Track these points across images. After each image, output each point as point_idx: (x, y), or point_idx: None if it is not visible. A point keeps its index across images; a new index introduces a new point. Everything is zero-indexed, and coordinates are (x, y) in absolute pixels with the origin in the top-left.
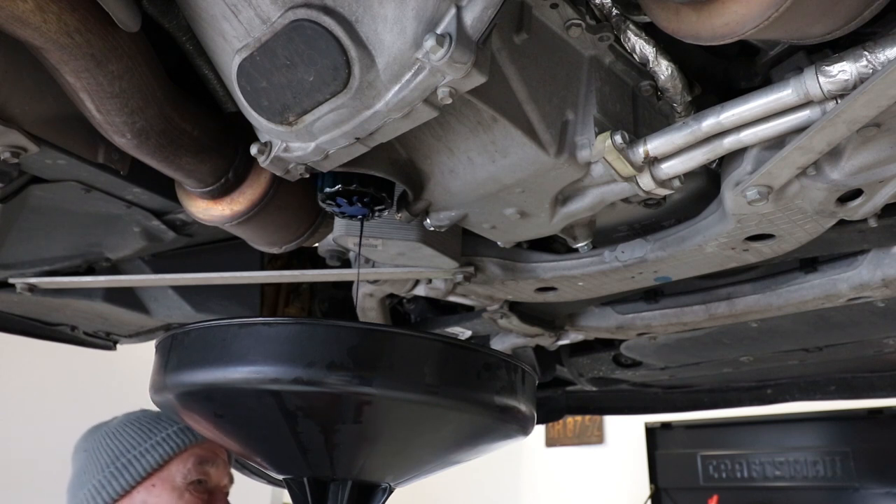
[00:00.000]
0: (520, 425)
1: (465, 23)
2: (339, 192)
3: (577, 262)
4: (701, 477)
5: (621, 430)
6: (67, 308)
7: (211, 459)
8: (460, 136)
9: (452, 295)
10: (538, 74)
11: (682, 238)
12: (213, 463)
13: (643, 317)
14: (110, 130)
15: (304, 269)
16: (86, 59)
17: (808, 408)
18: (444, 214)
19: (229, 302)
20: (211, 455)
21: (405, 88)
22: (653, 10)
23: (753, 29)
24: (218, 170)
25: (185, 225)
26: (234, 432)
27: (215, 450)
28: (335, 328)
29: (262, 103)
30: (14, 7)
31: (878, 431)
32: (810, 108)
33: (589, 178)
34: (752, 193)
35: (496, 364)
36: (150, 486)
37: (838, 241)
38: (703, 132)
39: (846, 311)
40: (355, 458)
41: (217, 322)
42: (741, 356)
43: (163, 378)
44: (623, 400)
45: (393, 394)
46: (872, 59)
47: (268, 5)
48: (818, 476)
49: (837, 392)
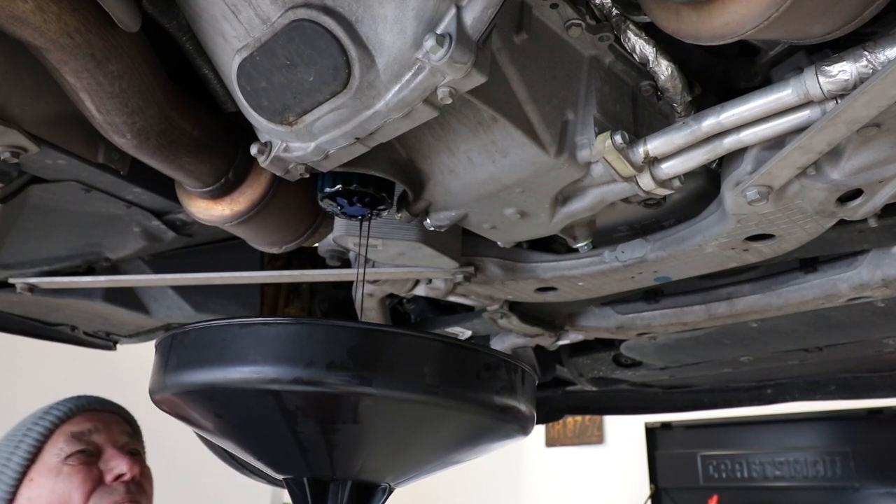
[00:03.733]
0: (520, 425)
1: (465, 23)
2: (339, 192)
3: (577, 262)
4: (701, 477)
5: (621, 430)
6: (67, 308)
7: (87, 430)
8: (460, 136)
9: (452, 295)
10: (538, 74)
11: (682, 238)
12: (92, 431)
13: (643, 317)
14: (110, 130)
15: (304, 269)
16: (86, 59)
17: (808, 408)
18: (444, 214)
19: (229, 302)
20: (86, 425)
21: (405, 88)
22: (653, 10)
23: (753, 29)
24: (218, 170)
25: (185, 225)
26: (234, 432)
27: (92, 417)
28: (335, 328)
29: (262, 103)
30: (14, 7)
31: (878, 431)
32: (810, 108)
33: (589, 178)
34: (752, 193)
35: (496, 364)
36: (28, 482)
37: (838, 241)
38: (703, 132)
39: (846, 311)
40: (355, 458)
41: (217, 322)
42: (741, 356)
43: (163, 378)
44: (623, 400)
45: (393, 394)
46: (872, 59)
47: (268, 5)
48: (818, 476)
49: (837, 392)
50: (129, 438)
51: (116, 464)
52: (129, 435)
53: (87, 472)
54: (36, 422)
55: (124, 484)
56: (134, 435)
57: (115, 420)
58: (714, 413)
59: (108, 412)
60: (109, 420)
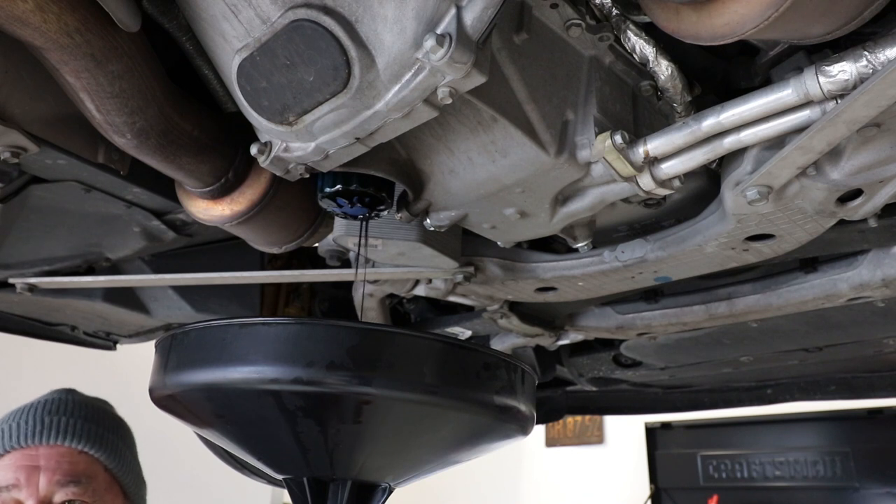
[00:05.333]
0: (519, 425)
1: (465, 23)
2: (339, 192)
3: (577, 262)
4: (701, 477)
5: (621, 430)
6: (67, 308)
7: (9, 486)
8: (460, 136)
9: (452, 295)
10: (538, 74)
11: (682, 238)
12: (13, 487)
13: (643, 317)
14: (110, 130)
15: (304, 269)
16: (86, 59)
17: (808, 408)
18: (444, 214)
19: (229, 302)
20: (10, 477)
21: (405, 88)
22: (653, 10)
23: (753, 29)
24: (218, 170)
25: (185, 225)
26: (234, 432)
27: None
28: (335, 328)
29: (262, 103)
30: (14, 7)
31: (878, 431)
32: (810, 108)
33: (589, 178)
34: (752, 193)
35: (496, 364)
36: None
37: (838, 241)
38: (703, 132)
39: (846, 311)
40: (355, 458)
41: (217, 322)
42: (741, 356)
43: (162, 378)
44: (623, 400)
45: (393, 394)
46: (872, 59)
47: (268, 5)
48: (818, 476)
49: (837, 392)
50: (72, 487)
51: None
52: (74, 478)
53: None
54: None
55: None
56: (85, 462)
57: (52, 455)
58: (714, 413)
59: (50, 447)
60: (47, 456)
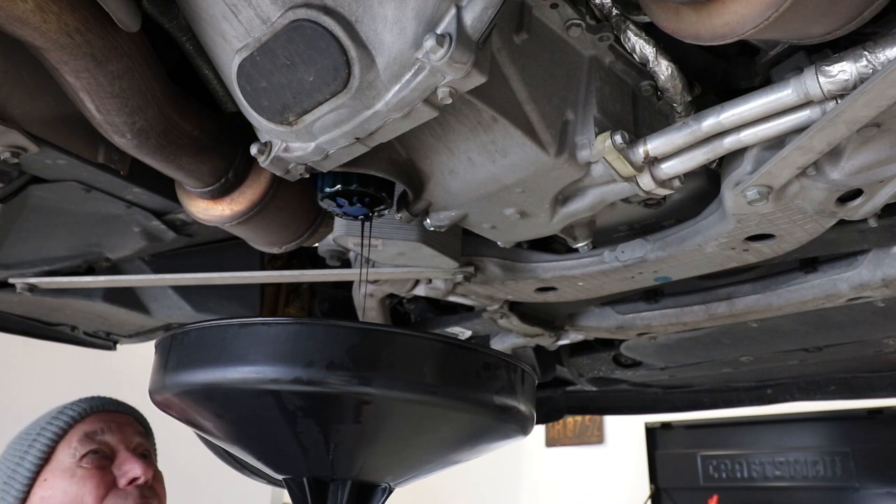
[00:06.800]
0: (519, 425)
1: (465, 23)
2: (339, 192)
3: (577, 262)
4: (701, 477)
5: (621, 430)
6: (67, 308)
7: (100, 429)
8: (460, 136)
9: (452, 295)
10: (538, 74)
11: (682, 238)
12: (106, 431)
13: (643, 317)
14: (110, 130)
15: (304, 269)
16: (86, 59)
17: (808, 408)
18: (444, 214)
19: (229, 302)
20: (99, 425)
21: (405, 88)
22: (653, 10)
23: (753, 29)
24: (218, 170)
25: (185, 225)
26: (234, 432)
27: (105, 418)
28: (335, 328)
29: (262, 103)
30: (14, 7)
31: (878, 431)
32: (810, 108)
33: (589, 178)
34: (752, 193)
35: (496, 364)
36: (42, 482)
37: (838, 241)
38: (703, 132)
39: (846, 311)
40: (355, 458)
41: (217, 322)
42: (741, 356)
43: (162, 378)
44: (623, 400)
45: (393, 394)
46: (872, 59)
47: (268, 5)
48: (818, 476)
49: (837, 392)
50: (141, 439)
51: (130, 467)
52: (142, 436)
53: (100, 475)
54: (50, 421)
55: (137, 488)
56: (146, 436)
57: (127, 421)
58: (714, 413)
59: (120, 413)
60: (122, 421)
